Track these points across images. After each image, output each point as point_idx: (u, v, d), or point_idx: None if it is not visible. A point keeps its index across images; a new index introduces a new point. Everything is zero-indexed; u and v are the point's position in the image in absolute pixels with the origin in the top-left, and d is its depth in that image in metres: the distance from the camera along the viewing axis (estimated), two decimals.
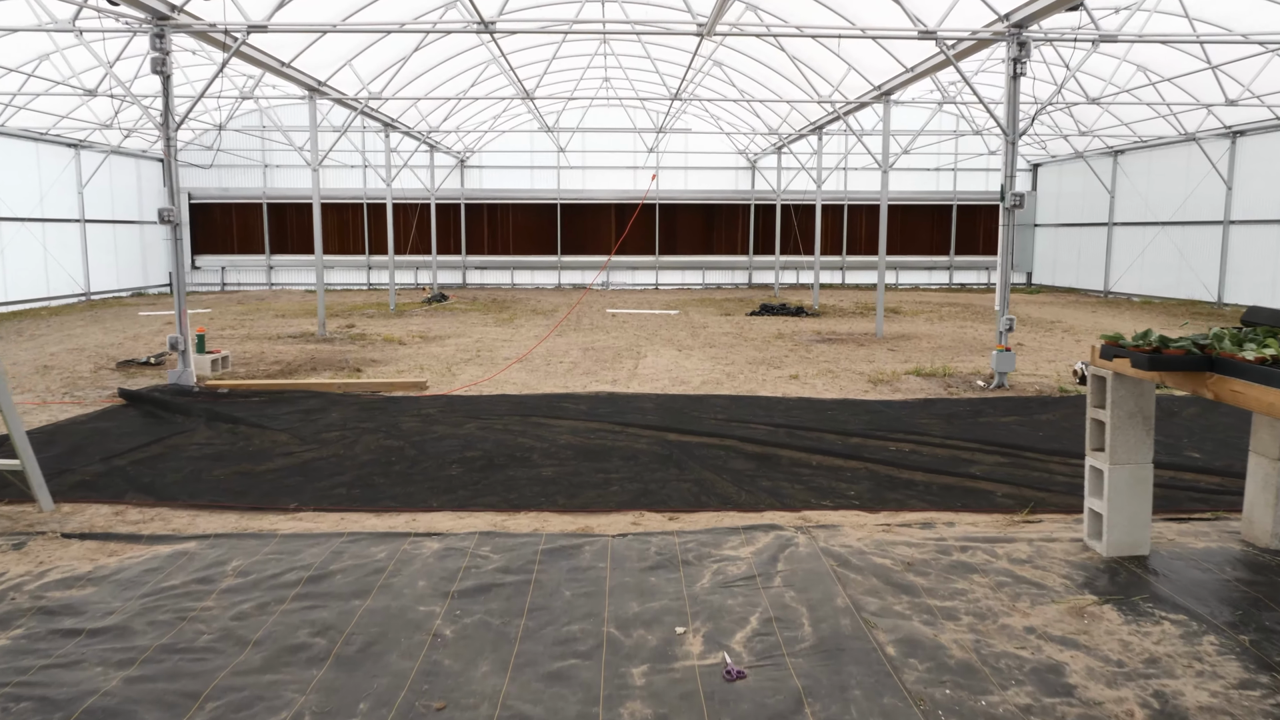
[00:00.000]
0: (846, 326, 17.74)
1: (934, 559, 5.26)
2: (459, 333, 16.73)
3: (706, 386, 10.80)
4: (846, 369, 12.14)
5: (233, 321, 19.02)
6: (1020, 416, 9.16)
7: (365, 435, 8.39)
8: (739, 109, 25.03)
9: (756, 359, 13.14)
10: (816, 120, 20.21)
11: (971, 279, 30.95)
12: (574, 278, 31.03)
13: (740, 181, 30.76)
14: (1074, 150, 25.96)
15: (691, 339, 15.60)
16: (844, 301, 24.35)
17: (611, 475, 7.01)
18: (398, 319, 19.50)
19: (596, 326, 17.82)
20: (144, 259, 29.44)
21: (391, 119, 20.42)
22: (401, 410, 9.58)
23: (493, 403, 9.87)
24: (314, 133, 15.18)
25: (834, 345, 14.76)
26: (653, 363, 12.79)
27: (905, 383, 11.01)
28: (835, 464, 7.27)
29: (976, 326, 17.64)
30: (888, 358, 13.34)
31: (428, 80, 19.40)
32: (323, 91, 15.40)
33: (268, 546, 5.54)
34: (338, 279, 31.04)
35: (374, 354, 13.91)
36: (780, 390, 10.57)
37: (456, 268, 30.90)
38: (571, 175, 30.70)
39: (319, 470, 7.27)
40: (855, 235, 30.64)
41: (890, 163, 15.35)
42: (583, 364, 12.73)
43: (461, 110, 24.25)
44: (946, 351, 14.06)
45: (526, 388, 10.86)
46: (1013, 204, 10.39)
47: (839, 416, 9.12)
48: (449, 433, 8.46)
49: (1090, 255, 26.67)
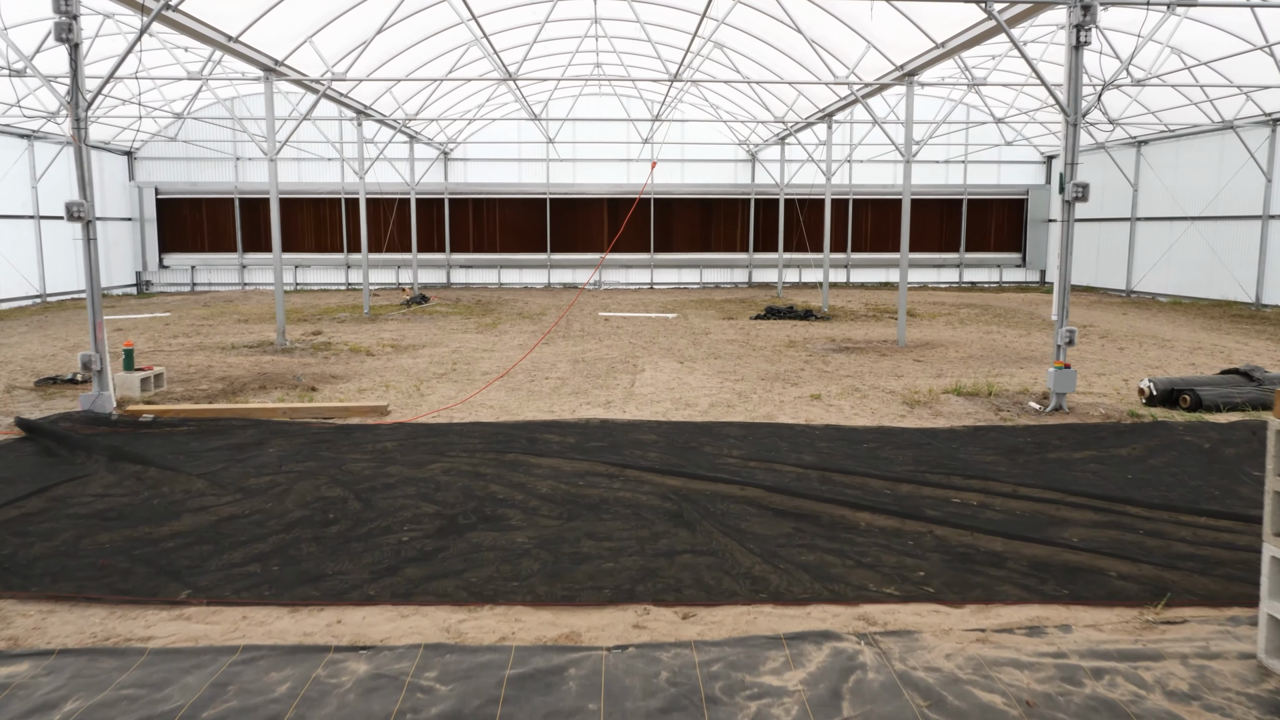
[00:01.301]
0: (862, 332, 16.22)
1: (1062, 694, 3.73)
2: (435, 341, 15.14)
3: (716, 410, 9.26)
4: (874, 386, 10.60)
5: (189, 328, 17.39)
6: (1095, 451, 7.63)
7: (302, 481, 6.82)
8: (741, 97, 23.46)
9: (769, 373, 11.60)
10: (826, 107, 18.65)
11: (982, 277, 29.48)
12: (564, 276, 29.44)
13: (740, 175, 29.20)
14: (1094, 141, 24.48)
15: (693, 348, 14.05)
16: (852, 302, 22.83)
17: (605, 543, 5.46)
18: (370, 324, 17.89)
19: (588, 333, 16.25)
20: (107, 258, 27.71)
21: (364, 105, 18.78)
22: (354, 444, 8.01)
23: (464, 433, 8.31)
24: (270, 118, 13.57)
25: (853, 355, 13.24)
26: (651, 378, 11.24)
27: (946, 404, 9.49)
28: (890, 525, 5.73)
29: (1004, 332, 16.14)
30: (916, 371, 11.82)
31: (403, 63, 17.77)
32: (280, 72, 13.77)
33: (127, 672, 3.97)
34: (315, 278, 29.38)
35: (336, 367, 12.32)
36: (803, 415, 9.03)
37: (440, 266, 29.26)
38: (561, 168, 29.09)
39: (234, 534, 5.71)
40: (861, 231, 29.13)
41: (914, 152, 13.82)
42: (571, 380, 11.17)
43: (442, 97, 22.61)
44: (980, 363, 12.55)
45: (505, 412, 9.29)
46: (1074, 196, 8.88)
47: (880, 452, 7.58)
48: (406, 477, 6.90)
49: (1111, 252, 25.21)
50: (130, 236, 28.82)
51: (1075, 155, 8.93)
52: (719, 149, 28.98)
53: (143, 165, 29.03)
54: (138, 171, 29.01)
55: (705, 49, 19.49)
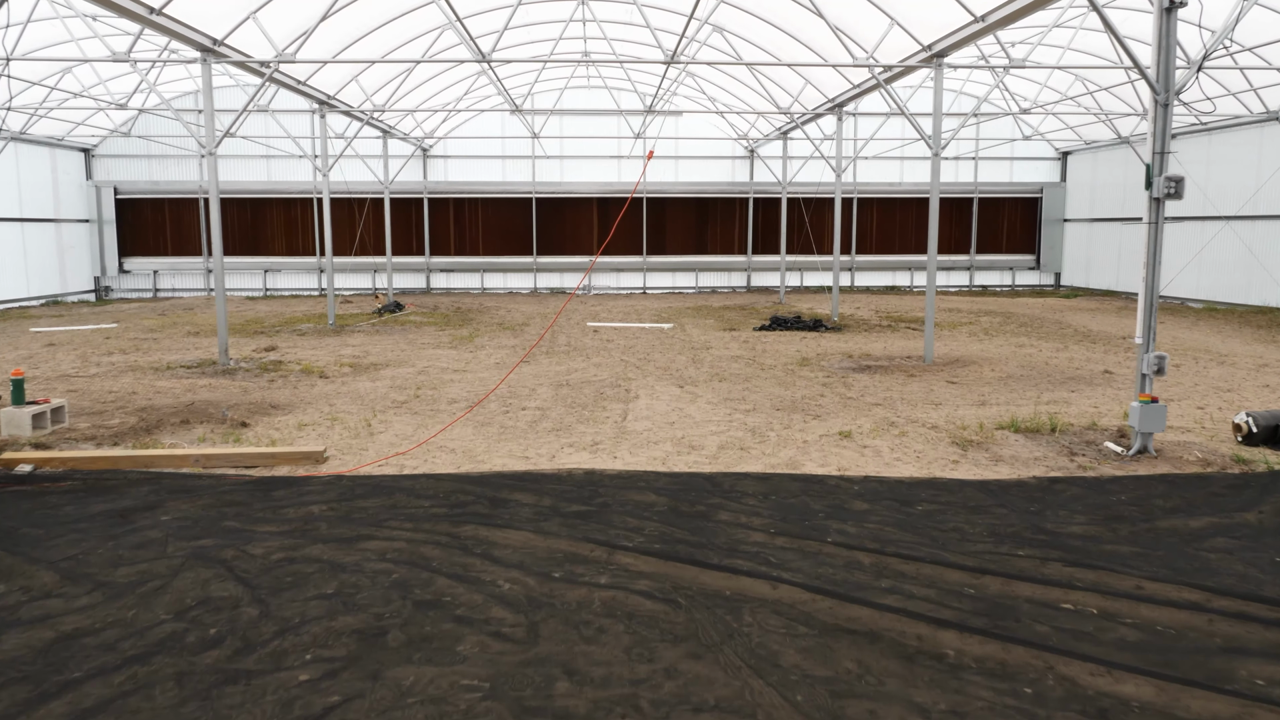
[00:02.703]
0: (880, 345, 14.58)
1: None
2: (401, 359, 13.43)
3: (727, 455, 7.59)
4: (911, 419, 8.96)
5: (130, 342, 15.62)
6: (1215, 518, 6.00)
7: (189, 571, 5.13)
8: (741, 88, 21.79)
9: (784, 401, 9.94)
10: (837, 96, 17.01)
11: (994, 280, 27.90)
12: (551, 281, 27.74)
13: (738, 172, 27.55)
14: (1116, 135, 22.92)
15: (694, 367, 12.38)
16: (861, 309, 21.20)
17: (587, 689, 3.79)
18: (334, 337, 16.16)
19: (574, 348, 14.57)
20: (61, 263, 25.89)
21: (327, 95, 17.04)
22: (273, 507, 6.32)
23: (414, 491, 6.62)
24: (209, 107, 11.83)
25: (876, 375, 11.59)
26: (647, 408, 9.56)
27: (1004, 445, 7.84)
28: (990, 655, 4.06)
29: (1037, 345, 14.52)
30: (954, 396, 10.18)
31: (367, 48, 16.03)
32: (219, 53, 12.03)
33: None
34: (286, 283, 27.60)
35: (280, 394, 10.61)
36: (833, 461, 7.38)
37: (419, 270, 27.51)
38: (548, 166, 27.39)
39: (67, 665, 4.03)
40: (866, 232, 27.52)
41: (943, 145, 12.19)
42: (553, 410, 9.48)
43: (416, 89, 20.88)
44: (1022, 385, 10.92)
45: (470, 458, 7.61)
46: (1165, 191, 7.25)
47: (942, 519, 5.92)
48: (327, 563, 5.21)
49: (1134, 254, 23.65)
50: (88, 239, 27.00)
51: (1166, 142, 7.31)
52: (716, 144, 27.33)
53: (101, 163, 27.20)
54: (96, 170, 27.19)
55: (703, 34, 17.83)
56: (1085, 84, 21.34)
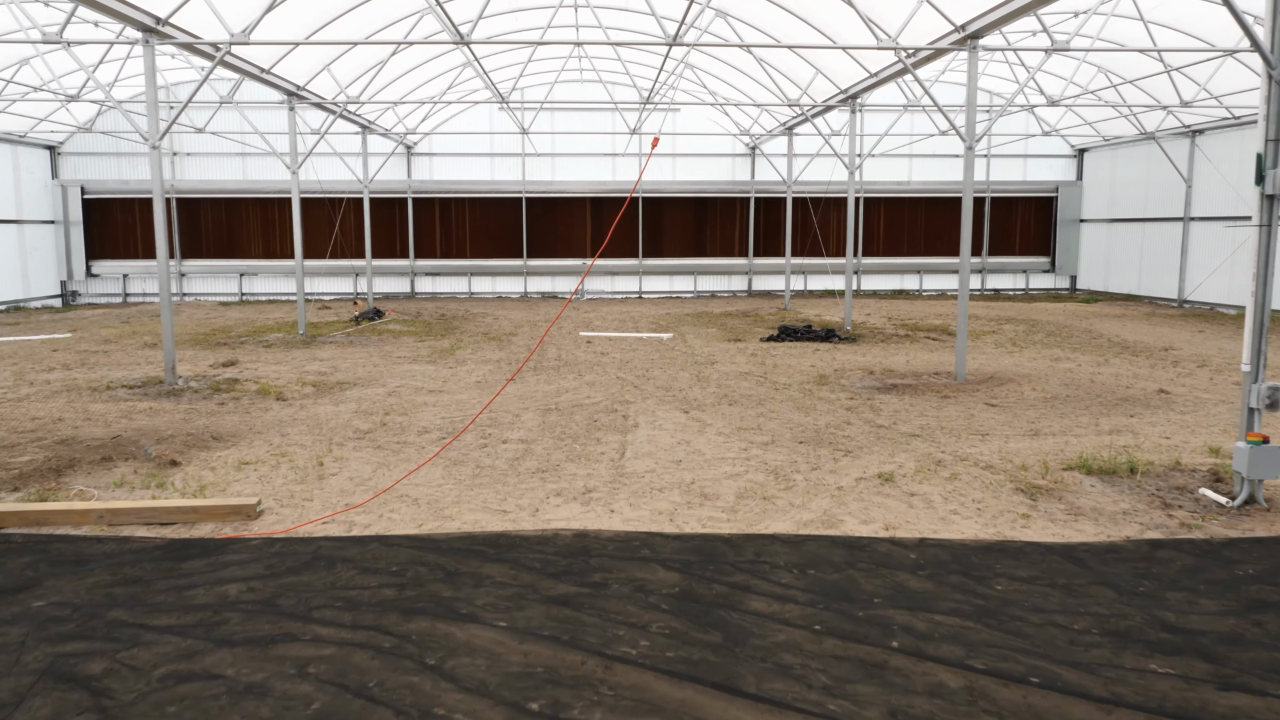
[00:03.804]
0: (901, 358, 13.28)
1: None
2: (373, 376, 12.08)
3: (748, 507, 6.27)
4: (957, 454, 7.65)
5: (78, 355, 14.24)
6: None
7: (37, 697, 3.81)
8: (744, 80, 20.48)
9: (807, 431, 8.63)
10: (849, 87, 15.72)
11: (1006, 283, 26.64)
12: (542, 285, 26.39)
13: (739, 170, 26.24)
14: (1140, 130, 21.67)
15: (699, 387, 11.06)
16: (873, 315, 19.92)
17: None
18: (302, 349, 14.80)
19: (565, 362, 13.24)
20: (24, 266, 24.44)
21: (296, 86, 15.67)
22: (179, 587, 4.99)
23: (360, 562, 5.29)
24: (152, 95, 10.46)
25: (905, 397, 10.29)
26: (648, 440, 8.24)
27: (1079, 491, 6.54)
28: None
29: (1074, 358, 13.25)
30: (1001, 424, 8.88)
31: (337, 32, 14.66)
32: (162, 33, 10.66)
33: None
34: (264, 287, 26.20)
35: (227, 420, 9.26)
36: (877, 515, 6.06)
37: (403, 274, 26.13)
38: (539, 164, 26.04)
39: None
40: (872, 233, 26.24)
41: (977, 138, 10.90)
42: (538, 443, 8.15)
43: (395, 81, 19.51)
44: (1072, 408, 9.63)
45: (435, 511, 6.28)
46: None
47: (1033, 606, 4.60)
48: (229, 679, 3.88)
49: (1158, 256, 22.41)
50: (53, 241, 25.57)
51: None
52: (716, 141, 26.03)
53: (67, 161, 25.77)
54: (62, 168, 25.75)
55: (704, 20, 16.52)
56: (1108, 76, 20.10)
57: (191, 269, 26.00)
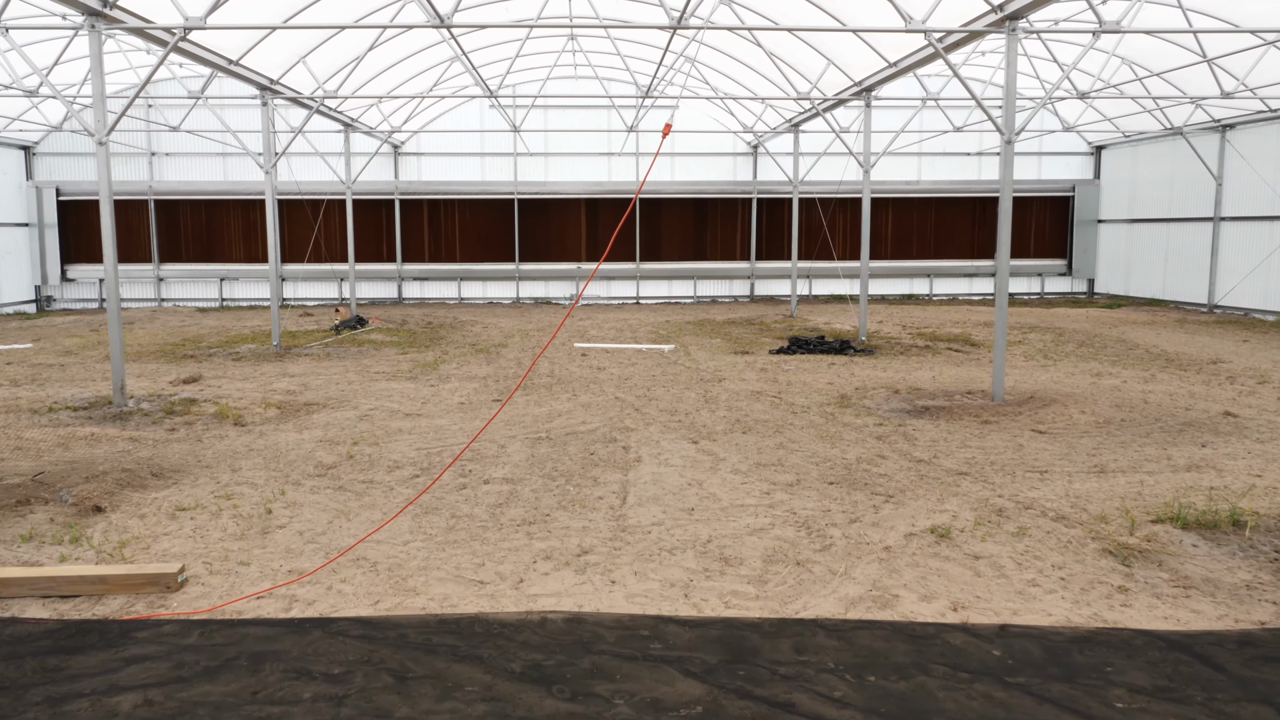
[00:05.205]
0: (926, 374, 12.16)
1: None
2: (345, 395, 10.94)
3: (779, 578, 5.14)
4: (1019, 499, 6.52)
5: (30, 370, 13.07)
6: None
7: None
8: (748, 74, 19.34)
9: (837, 468, 7.50)
10: (865, 80, 14.59)
11: (1021, 287, 25.54)
12: (535, 290, 25.25)
13: (740, 170, 25.13)
14: (1166, 125, 20.57)
15: (707, 409, 9.93)
16: (885, 323, 18.81)
17: None
18: (274, 363, 13.64)
19: (558, 379, 12.11)
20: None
21: (269, 80, 14.51)
22: (57, 698, 3.88)
23: (292, 663, 4.16)
24: (99, 87, 9.32)
25: (941, 422, 9.17)
26: (654, 480, 7.11)
27: (1180, 553, 5.42)
28: None
29: (1117, 373, 12.13)
30: (1058, 458, 7.76)
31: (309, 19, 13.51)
32: (109, 16, 9.51)
33: None
34: (245, 293, 25.04)
35: (174, 451, 8.11)
36: (939, 589, 4.94)
37: (390, 279, 24.98)
38: (532, 164, 24.90)
39: None
40: (880, 235, 25.13)
41: (1015, 133, 9.80)
42: (526, 485, 7.02)
43: (378, 77, 18.36)
44: (1132, 434, 8.52)
45: (395, 581, 5.14)
46: None
47: None
48: None
49: (1185, 259, 21.32)
50: (28, 245, 24.37)
51: None
52: (717, 139, 24.91)
53: (43, 162, 24.60)
54: (37, 169, 24.58)
55: (705, 8, 15.39)
56: (1133, 69, 19.01)
57: (170, 273, 24.83)
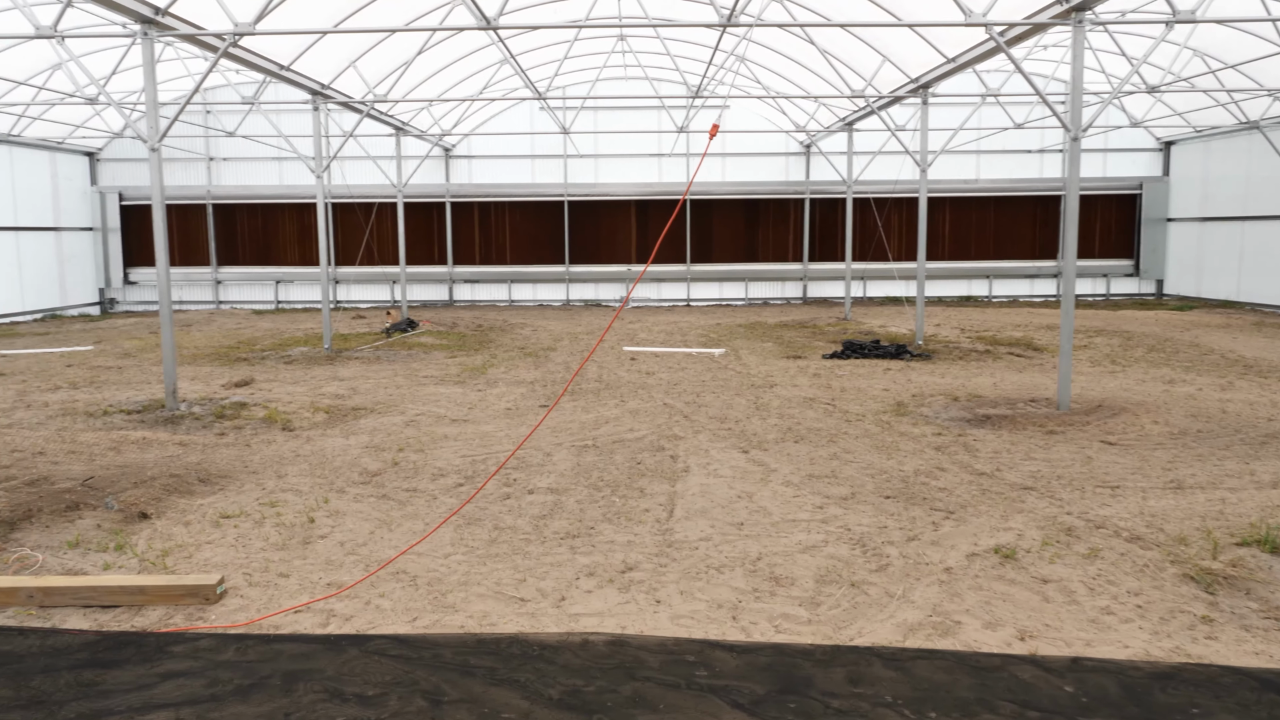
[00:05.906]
0: (987, 380, 11.72)
1: None
2: (393, 400, 10.94)
3: (832, 600, 4.88)
4: (1089, 517, 6.15)
5: (89, 373, 13.38)
6: None
7: None
8: (801, 73, 18.98)
9: (894, 481, 7.19)
10: (921, 76, 14.17)
11: (1085, 289, 24.66)
12: (585, 292, 25.19)
13: (793, 170, 24.73)
14: (1241, 119, 19.63)
15: (758, 417, 9.67)
16: (943, 326, 18.28)
17: None
18: (324, 366, 13.76)
19: (606, 383, 11.96)
20: (61, 274, 24.03)
21: (321, 85, 14.66)
22: (90, 715, 3.80)
23: (328, 685, 4.05)
24: (151, 93, 9.45)
25: (1003, 432, 8.77)
26: (702, 492, 6.89)
27: (1269, 582, 5.03)
28: None
29: (1191, 380, 11.53)
30: (1130, 471, 7.33)
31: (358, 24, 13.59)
32: (161, 24, 9.64)
33: None
34: (300, 295, 25.48)
35: (222, 457, 8.15)
36: (1004, 615, 4.63)
37: (441, 281, 25.16)
38: (581, 165, 24.85)
39: None
40: (937, 235, 24.49)
41: (1083, 129, 9.34)
42: (571, 495, 6.86)
43: (427, 80, 18.46)
44: (1210, 447, 8.03)
45: (435, 596, 5.01)
46: None
47: None
48: None
49: (1262, 258, 20.32)
50: (92, 249, 25.16)
51: None
52: (768, 139, 24.55)
53: (106, 168, 25.36)
54: (101, 175, 25.36)
55: (754, 6, 15.10)
56: (1205, 61, 18.17)
57: (227, 276, 25.38)
